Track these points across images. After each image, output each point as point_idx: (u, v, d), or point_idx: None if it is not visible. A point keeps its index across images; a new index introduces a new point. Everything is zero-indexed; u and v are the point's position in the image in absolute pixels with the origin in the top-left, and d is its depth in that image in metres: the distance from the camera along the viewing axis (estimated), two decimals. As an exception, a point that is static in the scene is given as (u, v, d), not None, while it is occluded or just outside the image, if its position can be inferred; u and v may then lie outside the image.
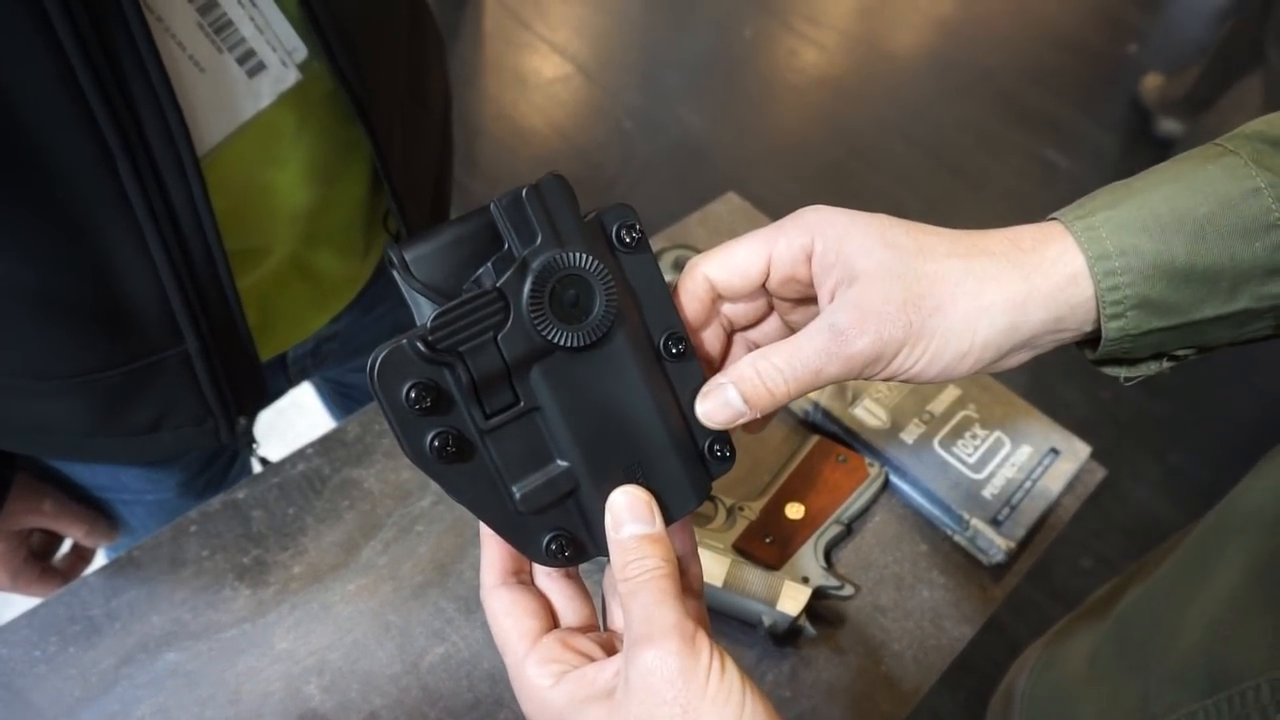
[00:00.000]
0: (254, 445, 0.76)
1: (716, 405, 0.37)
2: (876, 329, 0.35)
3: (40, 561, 0.74)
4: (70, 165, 0.46)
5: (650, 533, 0.35)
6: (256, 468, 0.89)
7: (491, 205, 0.35)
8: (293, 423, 1.39)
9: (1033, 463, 0.74)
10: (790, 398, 0.37)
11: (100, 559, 0.67)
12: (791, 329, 0.41)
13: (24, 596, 0.73)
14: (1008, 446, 0.75)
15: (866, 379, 0.37)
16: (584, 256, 0.35)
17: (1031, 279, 0.35)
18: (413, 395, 0.33)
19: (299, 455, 0.72)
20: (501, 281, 0.34)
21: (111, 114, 0.45)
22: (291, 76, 0.54)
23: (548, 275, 0.35)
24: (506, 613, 0.37)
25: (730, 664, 0.33)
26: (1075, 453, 0.76)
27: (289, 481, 0.70)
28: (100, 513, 0.76)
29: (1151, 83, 2.63)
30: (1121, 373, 0.39)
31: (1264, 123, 0.37)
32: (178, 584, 0.65)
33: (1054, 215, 0.37)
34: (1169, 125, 2.55)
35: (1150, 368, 0.38)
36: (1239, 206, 0.34)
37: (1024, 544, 0.72)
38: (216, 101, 0.51)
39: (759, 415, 0.37)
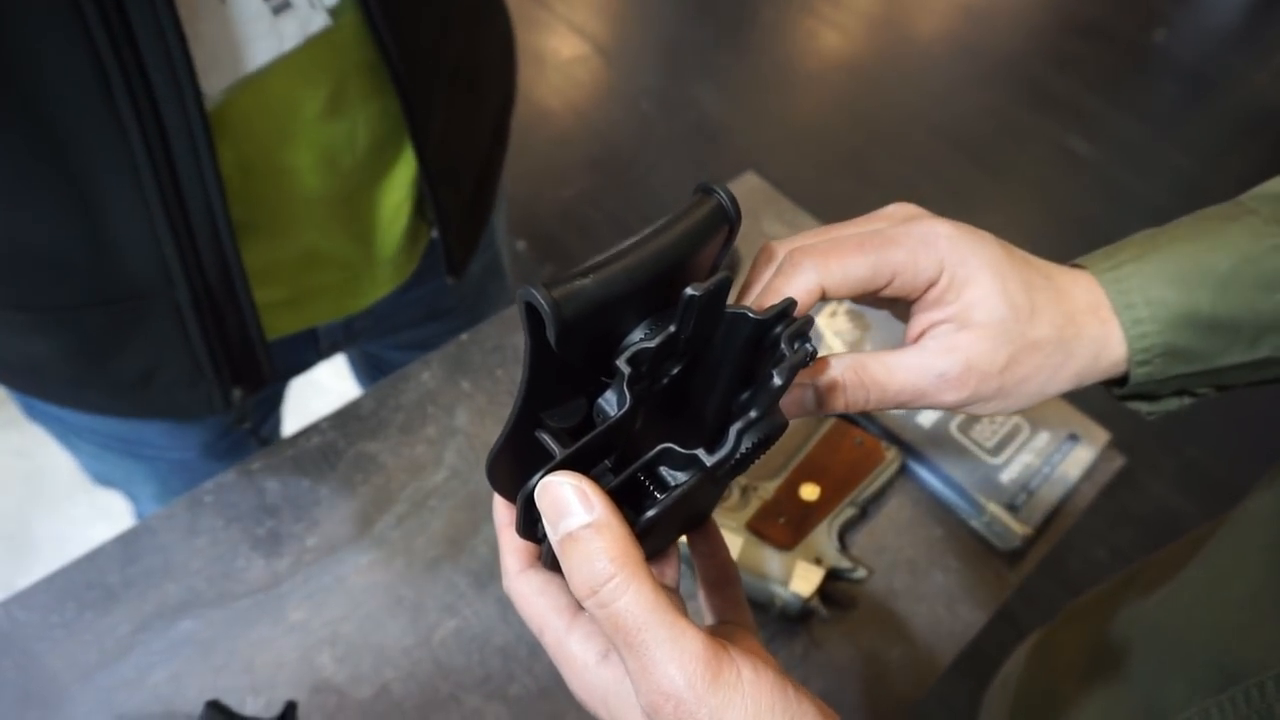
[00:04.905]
0: (248, 424, 0.73)
1: (790, 400, 0.37)
2: (975, 388, 0.36)
3: None
4: (58, 77, 0.43)
5: (589, 521, 0.28)
6: (286, 433, 0.88)
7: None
8: (308, 402, 1.40)
9: (1051, 448, 0.74)
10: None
11: (125, 522, 0.67)
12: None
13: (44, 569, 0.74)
14: (1026, 431, 0.74)
15: None
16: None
17: (1099, 357, 0.38)
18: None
19: (314, 429, 0.72)
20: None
21: (107, 28, 0.42)
22: (319, 20, 0.51)
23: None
24: (539, 592, 0.34)
25: (760, 669, 0.29)
26: (1094, 439, 0.75)
27: (304, 454, 0.71)
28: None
29: None
30: (1144, 407, 0.41)
31: None
32: (193, 553, 0.65)
33: (1081, 262, 0.39)
34: None
35: (1171, 404, 0.41)
36: (1259, 262, 0.37)
37: (1040, 531, 0.71)
38: (233, 35, 0.48)
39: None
